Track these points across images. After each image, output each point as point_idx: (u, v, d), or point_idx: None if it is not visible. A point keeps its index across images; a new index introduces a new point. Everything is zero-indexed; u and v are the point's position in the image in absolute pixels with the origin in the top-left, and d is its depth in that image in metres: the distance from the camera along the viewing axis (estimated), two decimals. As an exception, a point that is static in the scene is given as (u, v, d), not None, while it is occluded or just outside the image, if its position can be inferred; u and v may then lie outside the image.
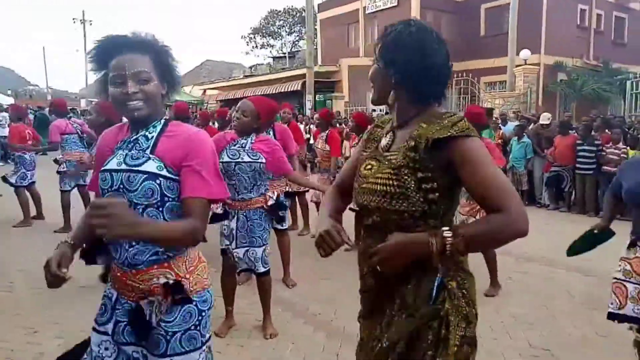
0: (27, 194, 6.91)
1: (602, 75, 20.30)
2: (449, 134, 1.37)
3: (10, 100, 23.74)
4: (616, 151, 7.88)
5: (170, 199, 1.56)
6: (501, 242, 1.37)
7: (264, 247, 3.41)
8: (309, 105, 18.34)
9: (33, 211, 7.02)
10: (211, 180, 1.57)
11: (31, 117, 15.04)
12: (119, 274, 1.61)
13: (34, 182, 6.95)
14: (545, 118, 9.29)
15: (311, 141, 11.19)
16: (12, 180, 6.83)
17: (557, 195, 8.70)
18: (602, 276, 4.95)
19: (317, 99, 19.67)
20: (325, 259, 4.71)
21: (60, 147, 6.50)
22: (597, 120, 9.25)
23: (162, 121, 1.62)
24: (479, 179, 1.35)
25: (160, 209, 1.55)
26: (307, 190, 6.59)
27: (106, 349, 1.63)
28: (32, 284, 4.42)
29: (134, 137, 1.60)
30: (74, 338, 3.30)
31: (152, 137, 1.58)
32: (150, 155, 1.55)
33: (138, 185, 1.52)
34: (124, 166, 1.55)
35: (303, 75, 20.01)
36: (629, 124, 9.65)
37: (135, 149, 1.58)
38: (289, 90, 21.21)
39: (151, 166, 1.54)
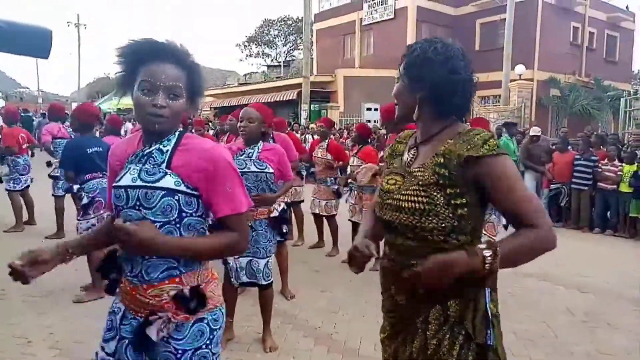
0: (21, 199, 6.80)
1: (593, 91, 20.60)
2: (481, 153, 1.37)
3: (1, 103, 23.52)
4: (613, 168, 7.95)
5: (187, 215, 1.51)
6: (533, 257, 1.38)
7: (267, 259, 3.35)
8: (304, 114, 18.35)
9: (25, 216, 6.90)
10: (238, 193, 1.57)
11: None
12: (128, 288, 1.55)
13: (27, 187, 6.83)
14: (535, 130, 9.34)
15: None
16: (8, 186, 6.73)
17: (558, 211, 8.70)
18: (600, 293, 4.97)
19: (312, 108, 19.71)
20: (322, 271, 4.68)
21: (53, 151, 6.41)
22: (592, 137, 9.32)
23: (177, 134, 1.56)
24: (513, 196, 1.38)
25: (178, 225, 1.50)
26: (302, 201, 6.57)
27: None
28: (25, 291, 4.32)
29: (147, 150, 1.54)
30: (69, 349, 3.27)
31: (167, 150, 1.53)
32: (167, 170, 1.50)
33: (157, 202, 1.47)
34: (139, 182, 1.49)
35: (298, 85, 20.06)
36: (621, 139, 9.74)
37: (150, 163, 1.52)
38: (284, 99, 21.25)
39: (169, 182, 1.49)
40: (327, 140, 6.28)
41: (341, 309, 4.26)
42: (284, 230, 3.43)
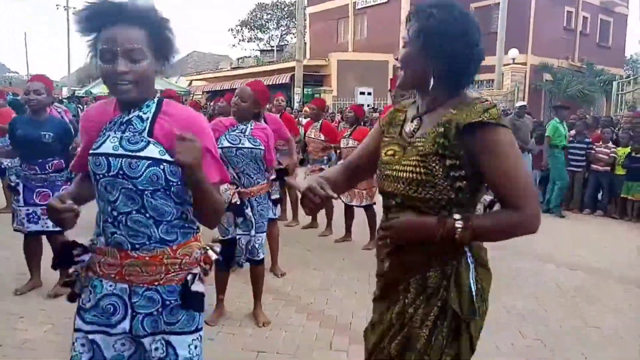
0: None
1: (586, 76, 20.63)
2: (479, 119, 1.34)
3: (-10, 87, 23.21)
4: (606, 150, 7.97)
5: (174, 184, 1.49)
6: (509, 237, 1.40)
7: (264, 234, 3.40)
8: (297, 98, 18.25)
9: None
10: (217, 163, 1.56)
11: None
12: (147, 258, 1.49)
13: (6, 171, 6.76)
14: (521, 102, 9.21)
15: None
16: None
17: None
18: (590, 272, 5.02)
19: (305, 92, 19.62)
20: (314, 251, 4.68)
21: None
22: (588, 119, 9.32)
23: (156, 100, 1.52)
24: (500, 172, 1.34)
25: (168, 192, 1.49)
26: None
27: (122, 344, 1.56)
28: (16, 270, 4.29)
29: (126, 118, 1.49)
30: (61, 324, 3.26)
31: (148, 118, 1.49)
32: (150, 139, 1.47)
33: (142, 171, 1.44)
34: (121, 151, 1.45)
35: (291, 69, 19.94)
36: (615, 122, 9.77)
37: (130, 131, 1.47)
38: (277, 83, 21.11)
39: (153, 151, 1.46)
40: (320, 121, 6.26)
41: (333, 286, 4.28)
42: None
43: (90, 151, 1.50)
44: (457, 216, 1.34)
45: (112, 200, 1.48)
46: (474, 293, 1.40)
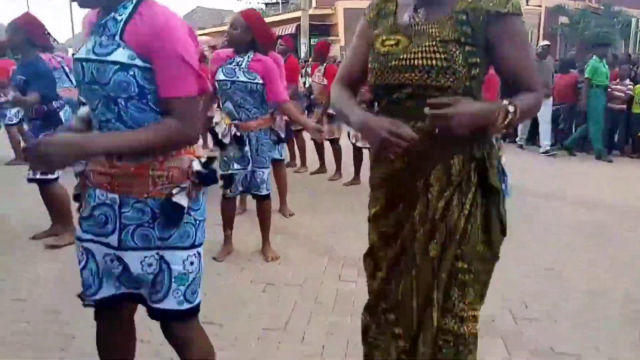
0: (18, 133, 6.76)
1: (603, 17, 19.83)
2: (506, 9, 1.34)
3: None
4: (622, 87, 7.69)
5: (150, 91, 1.36)
6: (530, 118, 1.40)
7: (268, 169, 3.35)
8: (303, 48, 17.88)
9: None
10: (193, 72, 1.37)
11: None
12: (132, 169, 1.41)
13: (22, 120, 6.73)
14: (543, 42, 8.90)
15: (307, 84, 10.89)
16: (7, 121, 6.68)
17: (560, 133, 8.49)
18: (606, 209, 4.93)
19: (311, 42, 19.18)
20: (323, 195, 4.61)
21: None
22: (608, 57, 8.92)
23: (134, 1, 1.38)
24: (520, 57, 1.38)
25: (144, 101, 1.37)
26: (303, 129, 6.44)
27: (112, 260, 1.48)
28: (27, 221, 4.26)
29: (103, 20, 1.39)
30: (68, 262, 3.26)
31: (122, 19, 1.36)
32: (120, 42, 1.33)
33: (110, 77, 1.33)
34: (92, 55, 1.35)
35: (297, 19, 19.46)
36: (634, 60, 9.39)
37: (105, 34, 1.36)
38: (283, 33, 20.64)
39: (121, 55, 1.32)
40: (324, 65, 6.07)
41: (342, 228, 4.22)
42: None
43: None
44: (505, 101, 1.33)
45: (93, 108, 1.41)
46: (505, 171, 1.48)
